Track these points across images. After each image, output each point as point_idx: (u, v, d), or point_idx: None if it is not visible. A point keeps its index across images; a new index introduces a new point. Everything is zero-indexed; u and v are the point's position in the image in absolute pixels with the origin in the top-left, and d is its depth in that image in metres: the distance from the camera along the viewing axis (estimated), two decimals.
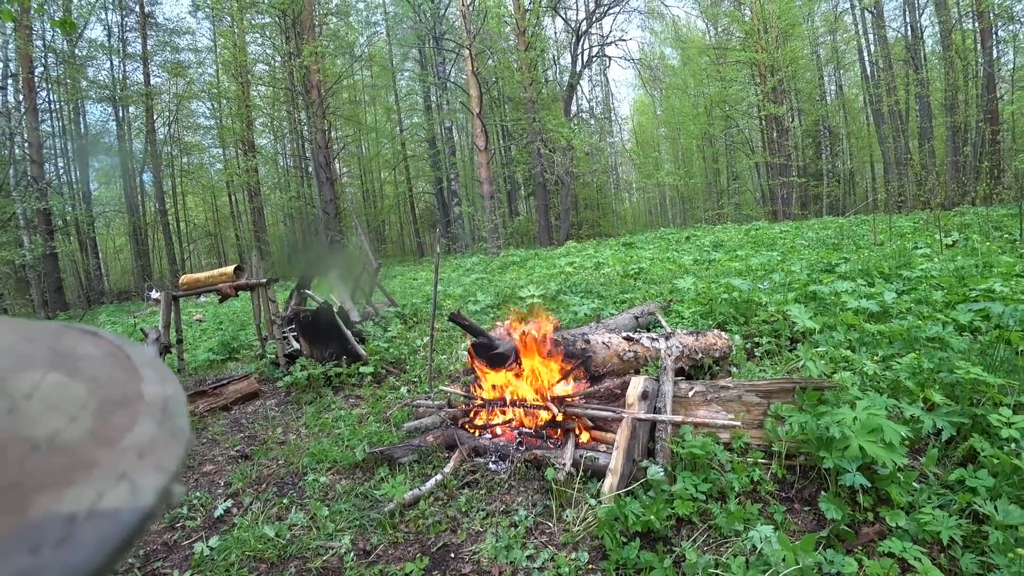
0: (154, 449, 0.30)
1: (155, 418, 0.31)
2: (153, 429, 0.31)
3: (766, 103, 24.19)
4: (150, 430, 0.31)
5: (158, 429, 0.31)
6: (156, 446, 0.30)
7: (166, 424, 0.32)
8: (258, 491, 3.11)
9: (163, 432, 0.31)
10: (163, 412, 0.32)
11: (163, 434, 0.31)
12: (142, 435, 0.30)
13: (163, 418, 0.32)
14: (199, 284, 6.04)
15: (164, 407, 0.33)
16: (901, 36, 25.08)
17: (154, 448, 0.30)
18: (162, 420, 0.32)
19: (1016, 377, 2.80)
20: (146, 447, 0.30)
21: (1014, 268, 5.22)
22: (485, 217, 18.66)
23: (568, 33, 28.28)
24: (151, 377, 0.34)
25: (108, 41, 25.49)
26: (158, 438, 0.30)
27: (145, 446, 0.30)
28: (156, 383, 0.34)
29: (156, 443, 0.30)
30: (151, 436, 0.30)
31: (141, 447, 0.29)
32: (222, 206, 32.70)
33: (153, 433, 0.31)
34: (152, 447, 0.30)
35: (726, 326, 4.73)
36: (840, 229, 12.11)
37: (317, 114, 21.67)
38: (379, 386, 4.81)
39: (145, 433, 0.30)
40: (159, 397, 0.33)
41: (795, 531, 2.21)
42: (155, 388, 0.34)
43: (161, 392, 0.34)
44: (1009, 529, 1.88)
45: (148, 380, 0.34)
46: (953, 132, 21.61)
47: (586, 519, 2.38)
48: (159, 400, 0.33)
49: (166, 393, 0.34)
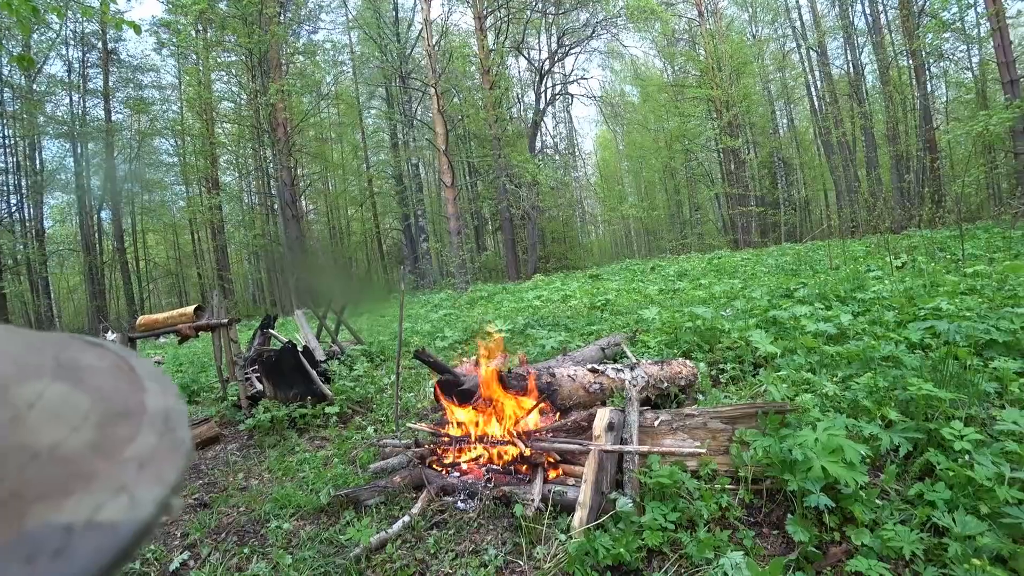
0: (154, 461, 0.29)
1: (157, 430, 0.31)
2: (154, 440, 0.31)
3: (723, 137, 25.26)
4: (151, 441, 0.30)
5: (159, 441, 0.31)
6: (157, 458, 0.30)
7: (167, 436, 0.31)
8: (217, 541, 2.97)
9: (164, 444, 0.31)
10: (165, 424, 0.32)
11: (164, 446, 0.31)
12: (143, 447, 0.30)
13: (165, 430, 0.32)
14: (157, 325, 5.84)
15: (166, 419, 0.32)
16: (844, 73, 26.71)
17: (155, 460, 0.30)
18: (163, 432, 0.31)
19: (965, 391, 2.91)
20: (147, 459, 0.29)
21: (958, 287, 5.48)
22: (452, 253, 18.71)
23: (531, 72, 29.14)
24: (154, 389, 0.34)
25: (68, 77, 25.08)
26: (159, 450, 0.30)
27: (146, 458, 0.29)
28: (159, 395, 0.34)
29: (157, 455, 0.30)
30: (152, 448, 0.30)
31: (142, 459, 0.29)
32: (184, 244, 31.96)
33: (154, 444, 0.30)
34: (153, 459, 0.29)
35: (691, 354, 4.80)
36: (798, 255, 12.55)
37: (283, 151, 21.60)
38: (345, 426, 4.69)
39: (146, 444, 0.30)
40: (161, 409, 0.33)
41: (765, 555, 2.22)
42: (158, 400, 0.33)
43: (163, 404, 0.33)
44: (967, 540, 1.92)
45: (151, 392, 0.34)
46: (896, 160, 22.90)
47: (556, 555, 2.34)
48: (161, 412, 0.33)
49: (168, 405, 0.34)
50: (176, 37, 21.68)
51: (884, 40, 23.77)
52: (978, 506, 2.07)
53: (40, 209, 25.28)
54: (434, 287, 21.84)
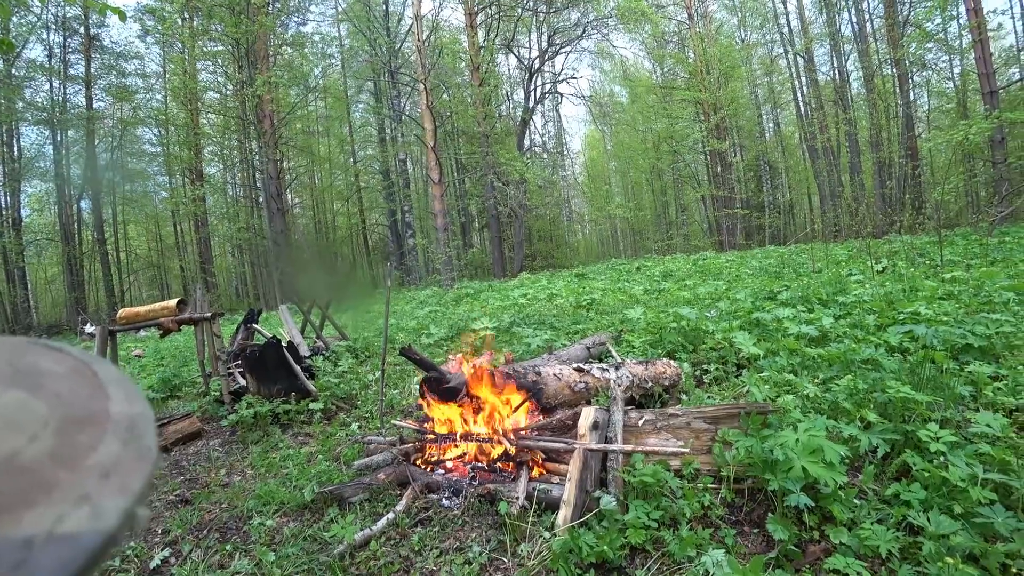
0: (119, 470, 0.29)
1: (121, 437, 0.30)
2: (118, 448, 0.30)
3: (710, 139, 25.48)
4: (115, 449, 0.30)
5: (123, 449, 0.30)
6: (121, 466, 0.29)
7: (132, 444, 0.30)
8: (199, 538, 2.93)
9: (129, 452, 0.30)
10: (129, 431, 0.31)
11: (129, 454, 0.30)
12: (106, 455, 0.29)
13: (129, 437, 0.31)
14: (138, 318, 5.74)
15: (131, 426, 0.31)
16: (830, 79, 27.08)
17: (119, 468, 0.29)
18: (128, 439, 0.31)
19: (941, 393, 2.98)
20: (110, 467, 0.29)
21: (937, 292, 5.60)
22: (439, 249, 18.65)
23: (521, 70, 29.13)
24: (118, 395, 0.33)
25: (49, 62, 24.50)
26: (123, 458, 0.29)
27: (109, 466, 0.29)
28: (123, 401, 0.33)
29: (121, 463, 0.29)
30: (116, 456, 0.29)
31: (105, 467, 0.28)
32: (167, 236, 31.45)
33: (118, 453, 0.29)
34: (117, 467, 0.29)
35: (675, 354, 4.84)
36: (781, 258, 12.71)
37: (269, 144, 21.35)
38: (329, 423, 4.66)
39: (110, 453, 0.29)
40: (126, 416, 0.32)
41: (745, 553, 2.25)
42: (122, 406, 0.32)
43: (128, 410, 0.32)
44: (941, 539, 1.97)
45: (115, 398, 0.33)
46: (879, 167, 23.29)
47: (540, 552, 2.35)
48: (126, 419, 0.32)
49: (133, 411, 0.33)
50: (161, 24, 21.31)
51: (869, 48, 24.15)
52: (952, 506, 2.12)
53: (17, 197, 24.68)
54: (420, 284, 21.77)
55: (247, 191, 28.75)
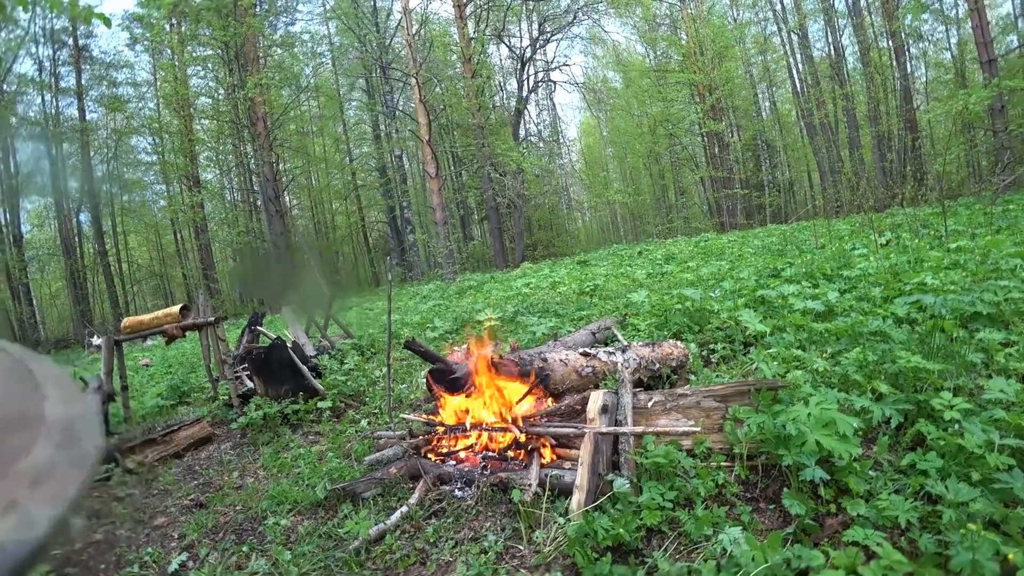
0: (52, 476, 0.26)
1: (55, 441, 0.28)
2: (52, 453, 0.28)
3: (706, 120, 25.28)
4: (49, 454, 0.27)
5: (58, 453, 0.28)
6: (55, 472, 0.27)
7: (68, 448, 0.28)
8: (215, 541, 2.94)
9: (64, 457, 0.28)
10: (66, 434, 0.29)
11: (63, 459, 0.28)
12: (39, 460, 0.27)
13: (65, 441, 0.28)
14: (143, 327, 5.74)
15: (68, 429, 0.29)
16: (825, 55, 26.82)
17: (52, 474, 0.26)
18: (64, 443, 0.28)
19: (953, 362, 2.95)
20: (43, 473, 0.26)
21: (942, 262, 5.55)
22: (439, 243, 18.63)
23: (513, 60, 28.95)
24: (55, 396, 0.31)
25: (39, 76, 24.45)
26: (58, 463, 0.27)
27: (42, 472, 0.26)
28: (60, 402, 0.31)
29: (55, 469, 0.27)
30: (50, 461, 0.27)
31: (37, 473, 0.26)
32: (167, 244, 31.44)
33: (51, 457, 0.27)
34: (51, 473, 0.26)
35: (681, 335, 4.82)
36: (784, 236, 12.64)
37: (264, 146, 21.29)
38: (338, 420, 4.67)
39: (42, 457, 0.27)
40: (62, 418, 0.30)
41: (762, 530, 2.24)
42: (58, 408, 0.30)
43: (65, 412, 0.30)
44: (961, 506, 1.95)
45: (52, 398, 0.31)
46: (878, 140, 23.12)
47: (556, 538, 2.34)
48: (62, 421, 0.29)
49: (71, 413, 0.30)
50: (150, 32, 21.19)
51: (864, 22, 23.87)
52: (969, 473, 2.10)
53: (17, 213, 24.71)
54: (422, 278, 21.75)
55: (245, 195, 28.73)
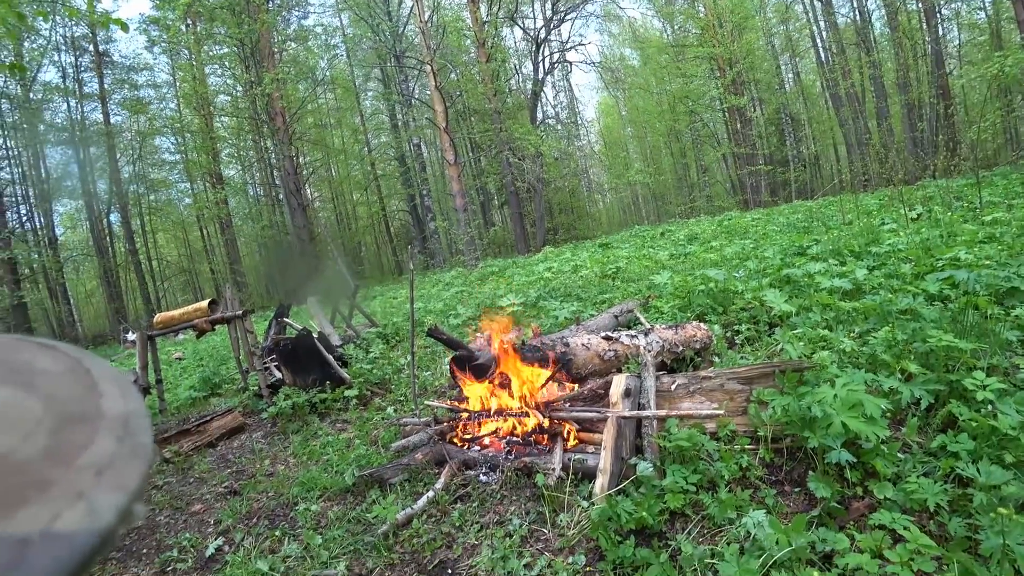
0: (114, 467, 0.29)
1: (115, 434, 0.30)
2: (113, 446, 0.30)
3: (727, 95, 24.67)
4: (110, 447, 0.29)
5: (118, 446, 0.30)
6: (116, 464, 0.29)
7: (127, 441, 0.30)
8: (249, 526, 3.05)
9: (124, 449, 0.30)
10: (124, 428, 0.31)
11: (124, 451, 0.30)
12: (101, 452, 0.29)
13: (124, 434, 0.31)
14: (174, 322, 5.92)
15: (125, 423, 0.31)
16: (851, 21, 25.84)
17: (114, 466, 0.29)
18: (123, 437, 0.30)
19: (987, 340, 2.87)
20: (105, 465, 0.28)
21: (977, 235, 5.37)
22: (460, 230, 18.63)
23: (527, 42, 28.55)
24: (112, 392, 0.33)
25: (64, 83, 25.04)
26: (118, 455, 0.29)
27: (104, 464, 0.28)
28: (117, 398, 0.33)
29: (116, 460, 0.29)
30: (111, 453, 0.29)
31: (100, 465, 0.28)
32: (194, 241, 32.18)
33: (113, 450, 0.29)
34: (112, 465, 0.29)
35: (705, 317, 4.77)
36: (809, 212, 12.34)
37: (283, 141, 21.51)
38: (365, 408, 4.76)
39: (104, 450, 0.29)
40: (120, 413, 0.32)
41: (787, 513, 2.22)
42: (116, 403, 0.32)
43: (123, 408, 0.32)
44: (992, 489, 1.91)
45: (109, 395, 0.33)
46: (908, 110, 22.27)
47: (580, 522, 2.37)
48: (120, 416, 0.32)
49: (128, 409, 0.32)
50: (166, 33, 21.47)
51: None
52: (1003, 455, 2.05)
53: (50, 217, 25.56)
54: (444, 265, 21.85)
55: (267, 189, 29.13)
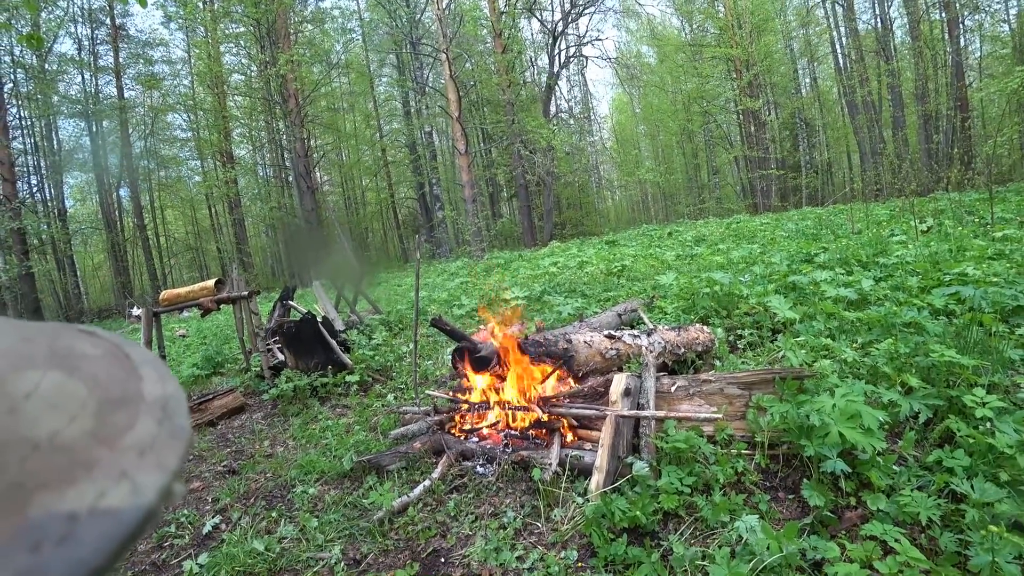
0: (155, 448, 0.30)
1: (155, 417, 0.31)
2: (154, 428, 0.31)
3: (743, 98, 24.48)
4: (151, 429, 0.30)
5: (158, 428, 0.31)
6: (157, 445, 0.30)
7: (166, 423, 0.31)
8: (246, 506, 3.09)
9: (163, 431, 0.31)
10: (163, 411, 0.32)
11: (163, 433, 0.31)
12: (142, 434, 0.30)
13: (163, 417, 0.32)
14: (180, 299, 5.96)
15: (164, 406, 0.32)
16: (871, 28, 25.57)
17: (155, 447, 0.30)
18: (162, 419, 0.32)
19: (989, 358, 2.87)
20: (147, 446, 0.29)
21: (986, 251, 5.33)
22: (468, 220, 18.61)
23: (544, 34, 28.38)
24: (151, 376, 0.34)
25: (79, 55, 25.07)
26: (159, 437, 0.30)
27: (146, 445, 0.29)
28: (156, 382, 0.34)
29: (157, 442, 0.30)
30: (152, 435, 0.30)
31: (142, 446, 0.29)
32: (202, 219, 32.28)
33: (154, 432, 0.30)
34: (153, 446, 0.30)
35: (708, 320, 4.77)
36: (819, 219, 12.28)
37: (295, 123, 21.51)
38: (365, 394, 4.79)
39: (145, 432, 0.30)
40: (159, 396, 0.33)
41: (780, 519, 2.24)
42: (155, 387, 0.33)
43: (161, 391, 0.33)
44: (985, 507, 1.92)
45: (148, 379, 0.34)
46: (925, 120, 22.06)
47: (574, 518, 2.39)
48: (159, 399, 0.33)
49: (166, 392, 0.34)
50: (183, 9, 21.43)
51: None
52: (998, 473, 2.06)
53: (60, 189, 25.71)
54: (450, 255, 21.87)
55: (277, 171, 29.17)
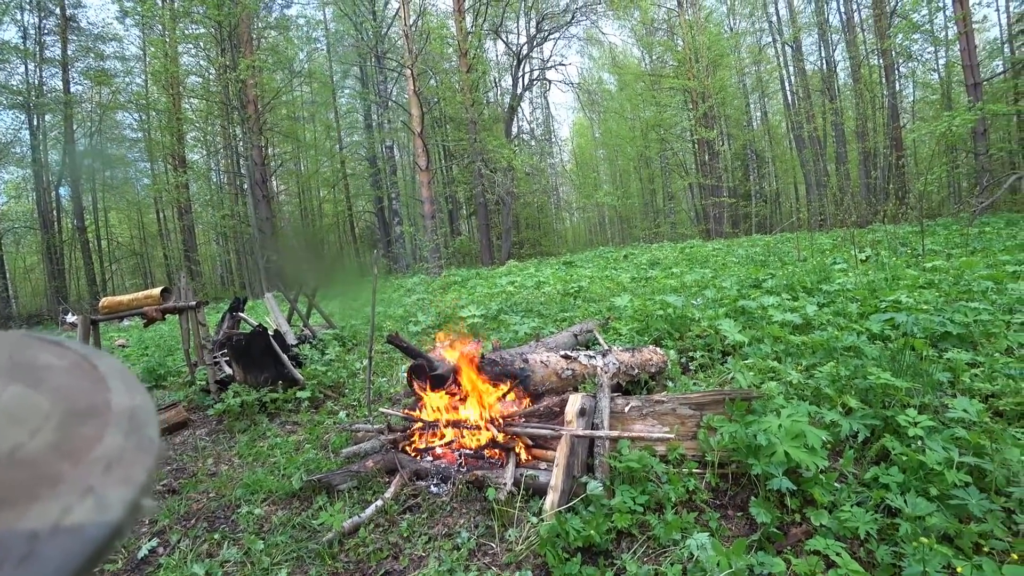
0: (122, 461, 0.29)
1: (123, 429, 0.30)
2: (121, 440, 0.30)
3: (698, 127, 25.51)
4: (118, 441, 0.30)
5: (126, 440, 0.30)
6: (124, 458, 0.29)
7: (134, 435, 0.31)
8: (187, 527, 2.93)
9: (131, 443, 0.30)
10: (131, 423, 0.31)
11: (131, 445, 0.30)
12: (109, 447, 0.29)
13: (131, 429, 0.31)
14: (121, 307, 5.67)
15: (132, 417, 0.32)
16: (818, 69, 27.20)
17: (122, 460, 0.29)
18: (130, 431, 0.31)
19: (920, 380, 3.05)
20: (114, 459, 0.29)
21: (918, 280, 5.69)
22: (426, 237, 18.51)
23: (509, 56, 28.88)
24: (118, 387, 0.33)
25: (23, 44, 23.80)
26: (126, 449, 0.29)
27: (113, 458, 0.29)
28: (124, 393, 0.33)
29: (124, 455, 0.29)
30: (119, 448, 0.29)
31: (109, 459, 0.28)
32: (149, 223, 30.90)
33: (121, 444, 0.29)
34: (120, 459, 0.29)
35: (662, 342, 4.89)
36: (767, 246, 12.82)
37: (253, 130, 21.00)
38: (317, 411, 4.66)
39: (113, 445, 0.29)
40: (127, 407, 0.32)
41: (729, 536, 2.30)
42: (123, 398, 0.33)
43: (129, 403, 0.32)
44: (917, 520, 2.03)
45: (115, 390, 0.33)
46: (864, 157, 23.52)
47: (528, 537, 2.38)
48: (127, 410, 0.32)
49: (134, 403, 0.33)
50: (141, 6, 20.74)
51: (857, 38, 24.28)
52: (928, 488, 2.18)
53: None
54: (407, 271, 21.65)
55: (231, 178, 28.30)
